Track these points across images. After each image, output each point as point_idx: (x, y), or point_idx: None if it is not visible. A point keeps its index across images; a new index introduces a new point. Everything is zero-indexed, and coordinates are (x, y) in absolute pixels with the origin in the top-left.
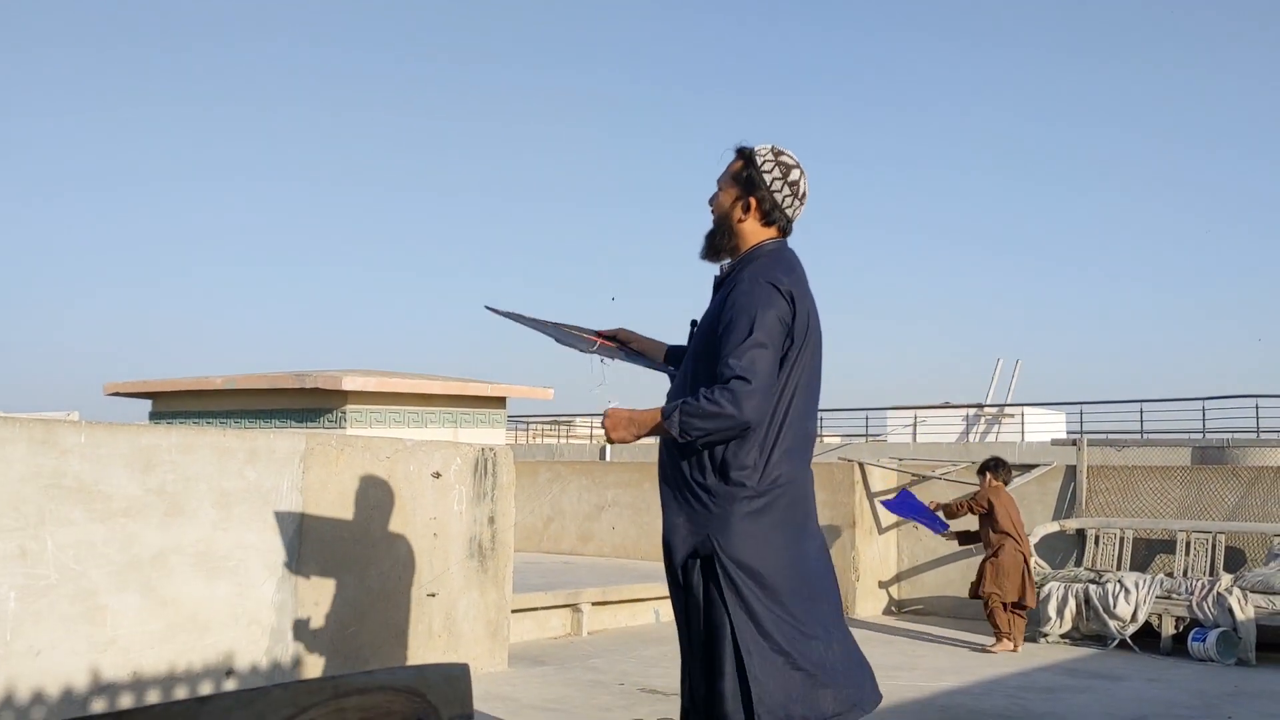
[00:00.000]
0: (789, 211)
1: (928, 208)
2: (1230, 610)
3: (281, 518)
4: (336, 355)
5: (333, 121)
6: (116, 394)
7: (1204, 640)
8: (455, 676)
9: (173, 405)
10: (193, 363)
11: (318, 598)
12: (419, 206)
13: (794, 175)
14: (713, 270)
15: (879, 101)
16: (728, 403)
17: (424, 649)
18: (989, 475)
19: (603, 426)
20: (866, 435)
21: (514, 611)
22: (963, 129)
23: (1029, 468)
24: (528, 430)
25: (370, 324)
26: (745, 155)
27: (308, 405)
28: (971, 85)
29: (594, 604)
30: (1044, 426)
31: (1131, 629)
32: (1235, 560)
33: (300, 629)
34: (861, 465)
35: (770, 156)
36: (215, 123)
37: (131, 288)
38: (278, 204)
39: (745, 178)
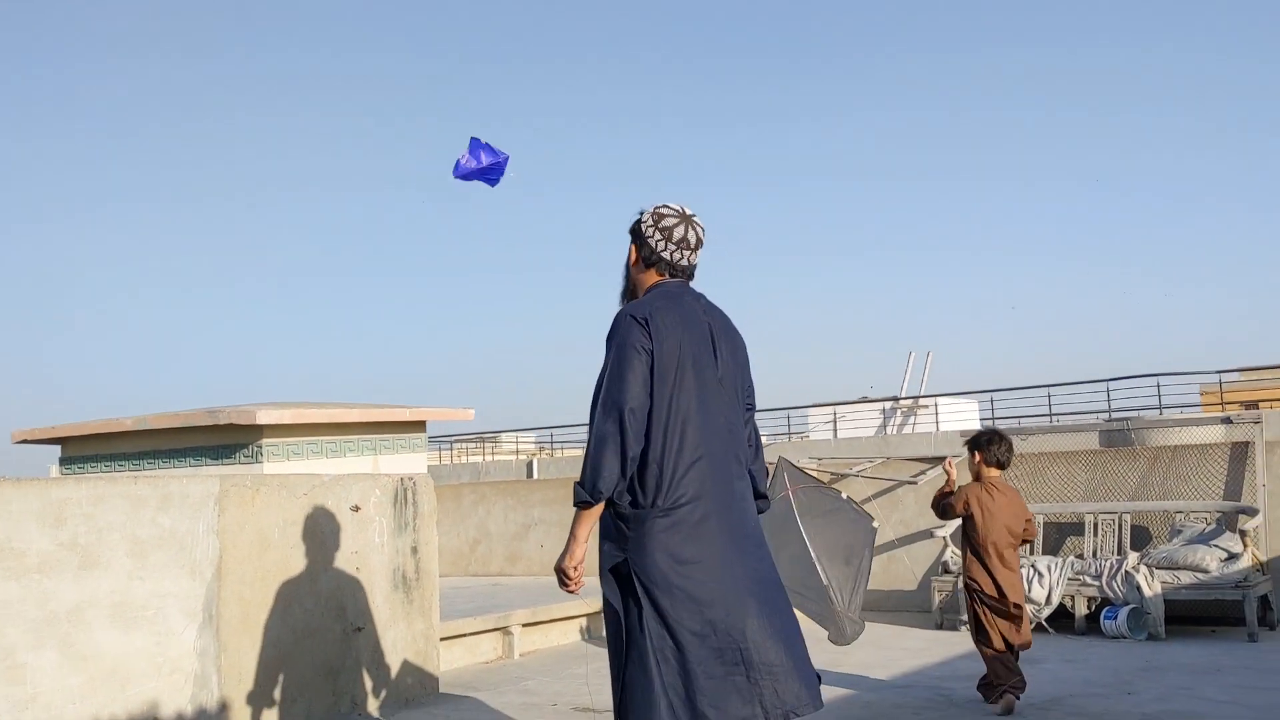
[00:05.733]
0: (666, 255)
1: (832, 208)
2: (1138, 587)
3: (199, 563)
4: (251, 389)
5: (227, 144)
6: (24, 441)
7: (1115, 618)
8: None
9: (83, 449)
10: (103, 405)
11: (241, 641)
12: (321, 233)
13: (666, 223)
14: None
15: (786, 100)
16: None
17: (352, 685)
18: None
19: None
20: (789, 434)
21: (443, 639)
22: (863, 125)
23: (941, 459)
24: (451, 450)
25: (283, 355)
26: (635, 221)
27: (222, 441)
28: (877, 79)
29: (524, 625)
30: (958, 416)
31: (1047, 611)
32: (1141, 538)
33: (225, 674)
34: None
35: (650, 216)
36: (108, 149)
37: (34, 330)
38: (181, 236)
39: (632, 236)
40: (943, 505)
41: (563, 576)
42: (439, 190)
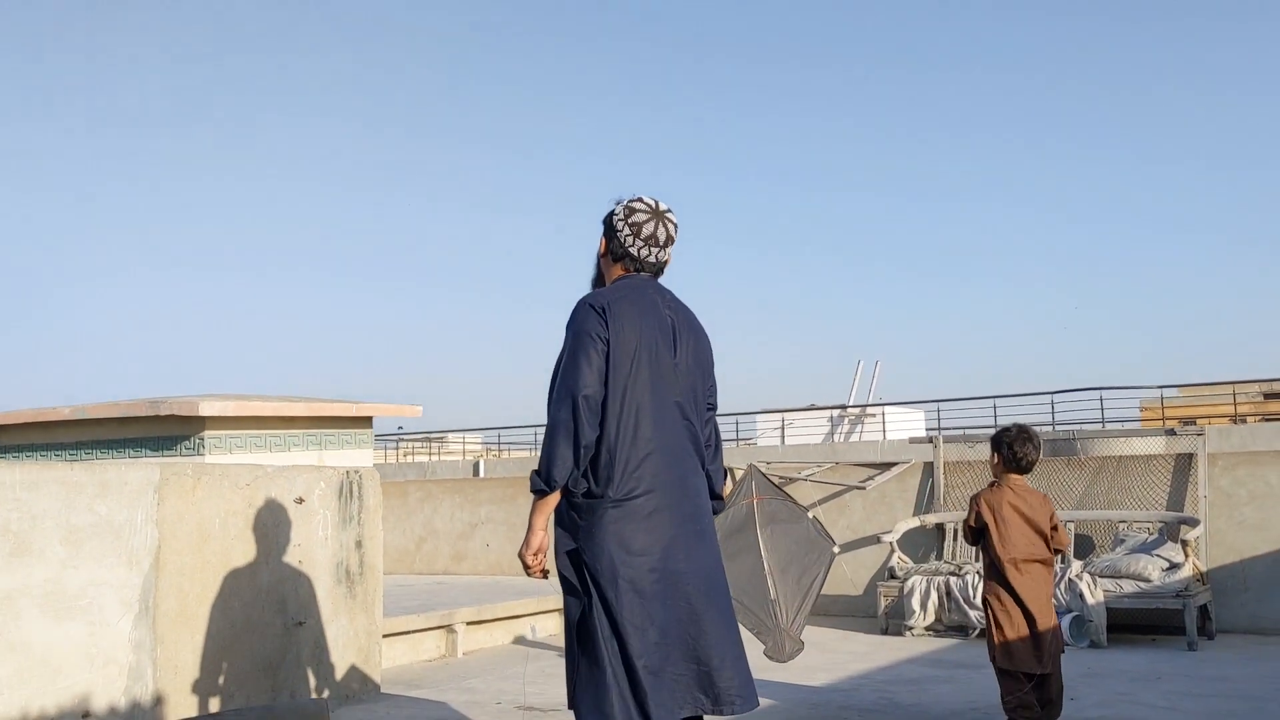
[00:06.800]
0: (634, 251)
1: (790, 217)
2: (1081, 595)
3: (136, 552)
4: (195, 380)
5: (171, 131)
6: None
7: None
8: (311, 713)
9: (17, 438)
10: (39, 393)
11: (179, 633)
12: (271, 229)
13: (637, 218)
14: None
15: (739, 111)
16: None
17: (293, 680)
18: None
19: None
20: (737, 439)
21: (386, 636)
22: (818, 137)
23: (889, 466)
24: (398, 448)
25: (229, 346)
26: (609, 213)
27: (163, 433)
28: (827, 96)
29: (468, 624)
30: (905, 424)
31: None
32: (1085, 547)
33: (161, 666)
34: (729, 470)
35: (622, 210)
36: (56, 135)
37: None
38: (122, 225)
39: (604, 227)
40: (969, 530)
41: (523, 564)
42: (401, 188)
